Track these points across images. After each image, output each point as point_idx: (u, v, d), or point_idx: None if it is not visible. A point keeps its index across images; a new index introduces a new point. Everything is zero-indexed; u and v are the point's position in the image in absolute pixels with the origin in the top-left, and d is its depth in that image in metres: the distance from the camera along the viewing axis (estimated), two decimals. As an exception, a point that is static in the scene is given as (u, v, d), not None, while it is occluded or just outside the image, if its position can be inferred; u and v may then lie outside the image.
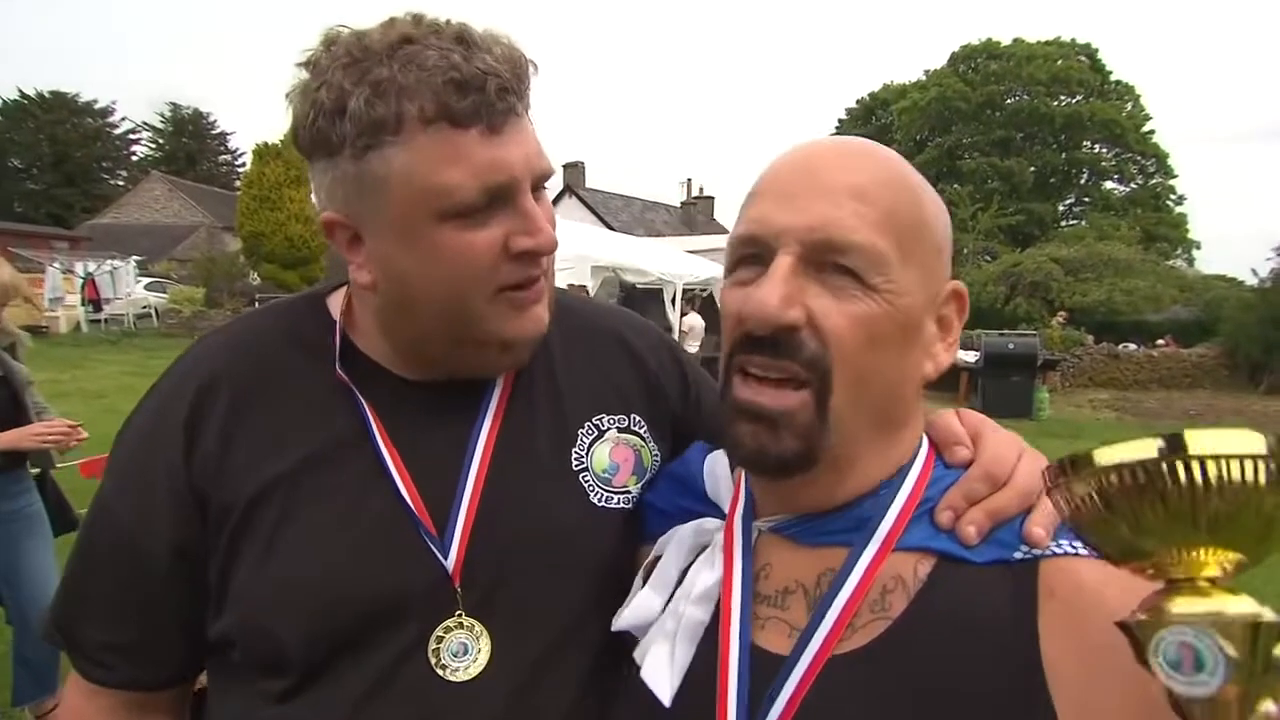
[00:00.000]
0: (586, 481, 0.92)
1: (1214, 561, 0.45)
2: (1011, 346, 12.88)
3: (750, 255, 0.72)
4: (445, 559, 0.83)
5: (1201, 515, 0.44)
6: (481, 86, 0.74)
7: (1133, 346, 18.23)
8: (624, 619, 0.83)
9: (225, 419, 0.84)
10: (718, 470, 0.86)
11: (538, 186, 0.83)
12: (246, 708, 0.84)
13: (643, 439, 0.97)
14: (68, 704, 0.94)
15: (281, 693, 0.81)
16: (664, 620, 0.79)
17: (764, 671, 0.71)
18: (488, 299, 0.82)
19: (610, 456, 0.94)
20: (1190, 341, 19.01)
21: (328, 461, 0.85)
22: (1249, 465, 0.43)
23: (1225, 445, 0.44)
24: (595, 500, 0.92)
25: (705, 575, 0.78)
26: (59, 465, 3.38)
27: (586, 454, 0.93)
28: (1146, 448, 0.45)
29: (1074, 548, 0.67)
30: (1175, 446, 0.44)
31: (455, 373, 0.90)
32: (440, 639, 0.82)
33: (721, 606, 0.76)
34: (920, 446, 0.77)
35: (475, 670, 0.81)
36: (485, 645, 0.83)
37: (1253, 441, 0.44)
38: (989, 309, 22.01)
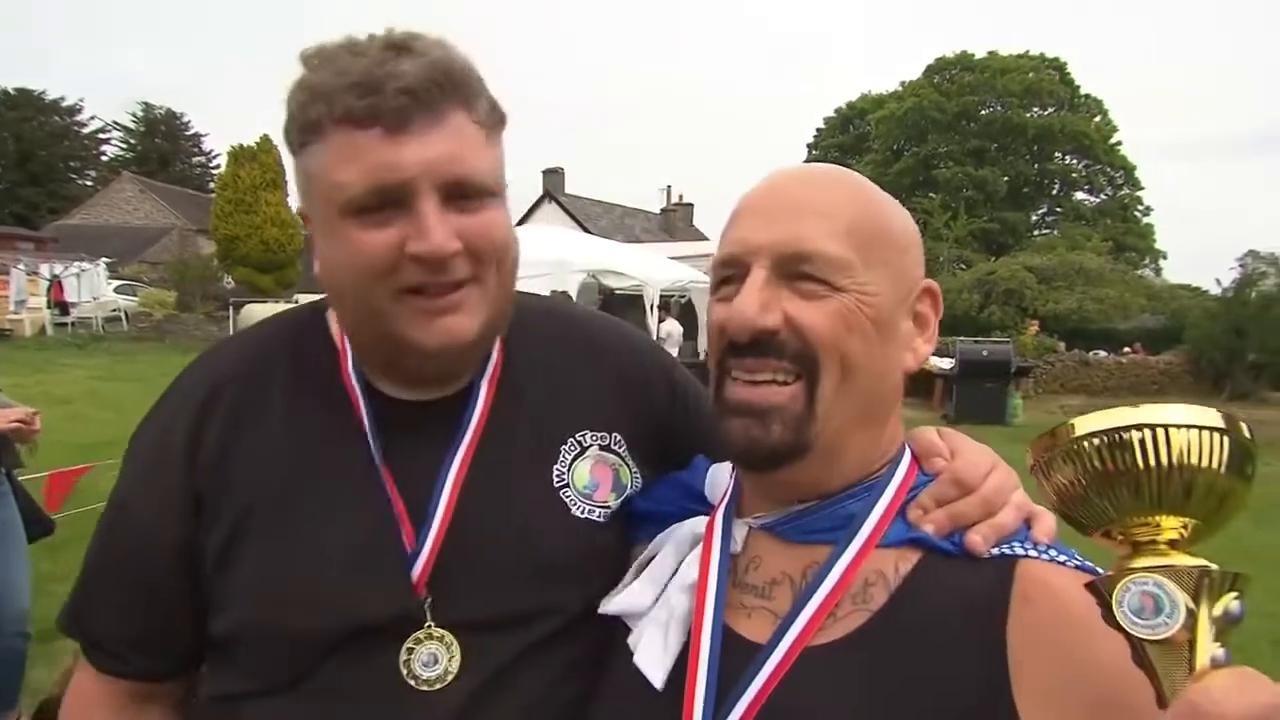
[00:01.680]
0: (568, 496, 0.94)
1: (1172, 526, 0.51)
2: (985, 353, 13.11)
3: (731, 275, 0.80)
4: (411, 572, 0.86)
5: (1162, 483, 0.50)
6: (378, 88, 0.76)
7: (1103, 354, 18.66)
8: (614, 605, 0.87)
9: (225, 428, 0.89)
10: (719, 477, 0.91)
11: (461, 194, 0.81)
12: (233, 704, 0.88)
13: (621, 458, 0.99)
14: (77, 687, 0.98)
15: (263, 693, 0.86)
16: (657, 610, 0.83)
17: (741, 658, 0.75)
18: (391, 299, 0.81)
19: (591, 474, 0.96)
20: (1157, 349, 19.50)
21: (321, 471, 0.88)
22: (1207, 436, 0.50)
23: (1188, 418, 0.50)
24: (577, 513, 0.94)
25: (694, 568, 0.83)
26: (25, 476, 3.29)
27: (568, 470, 0.95)
28: (1120, 416, 0.51)
29: (1039, 552, 0.72)
30: (1144, 417, 0.51)
31: (409, 376, 0.91)
32: (411, 650, 0.85)
33: (696, 593, 0.80)
34: (904, 454, 0.83)
35: (446, 679, 0.84)
36: (455, 654, 0.85)
37: (1210, 415, 0.51)
38: (964, 316, 22.35)
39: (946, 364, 13.78)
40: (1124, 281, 24.60)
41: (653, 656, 0.80)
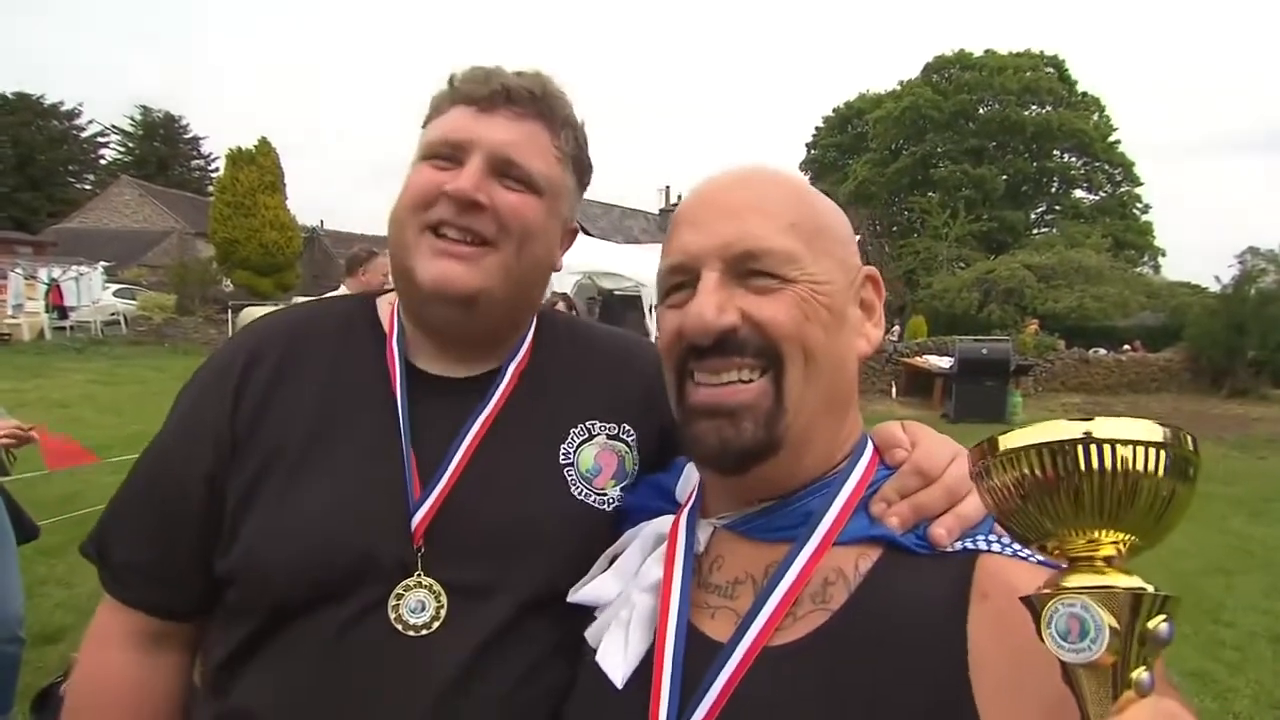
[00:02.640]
0: (570, 475, 1.00)
1: (1110, 543, 0.50)
2: (985, 352, 13.08)
3: (680, 282, 0.81)
4: (412, 520, 0.91)
5: (1100, 498, 0.48)
6: (485, 80, 0.97)
7: (1102, 351, 18.63)
8: (581, 594, 0.89)
9: (268, 380, 0.98)
10: (691, 477, 0.91)
11: (506, 173, 0.96)
12: (229, 645, 0.94)
13: (629, 446, 1.05)
14: (95, 621, 1.03)
15: (258, 633, 0.91)
16: (618, 608, 0.84)
17: (705, 658, 0.75)
18: (418, 231, 0.95)
19: (595, 459, 1.02)
20: (1157, 346, 19.50)
21: (348, 426, 0.96)
22: (1149, 452, 0.48)
23: (1127, 432, 0.48)
24: (575, 493, 0.99)
25: (656, 568, 0.83)
26: (11, 476, 3.27)
27: (574, 451, 1.02)
28: (1057, 430, 0.49)
29: (1002, 545, 0.71)
30: (1083, 432, 0.48)
31: (428, 328, 1.01)
32: (400, 596, 0.90)
33: (661, 594, 0.80)
34: (865, 448, 0.83)
35: (432, 626, 0.89)
36: (443, 605, 0.90)
37: (1152, 430, 0.48)
38: (963, 315, 22.33)
39: (946, 363, 13.78)
40: (1123, 279, 24.62)
41: (614, 656, 0.80)
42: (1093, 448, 0.47)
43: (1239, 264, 18.49)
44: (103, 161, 49.67)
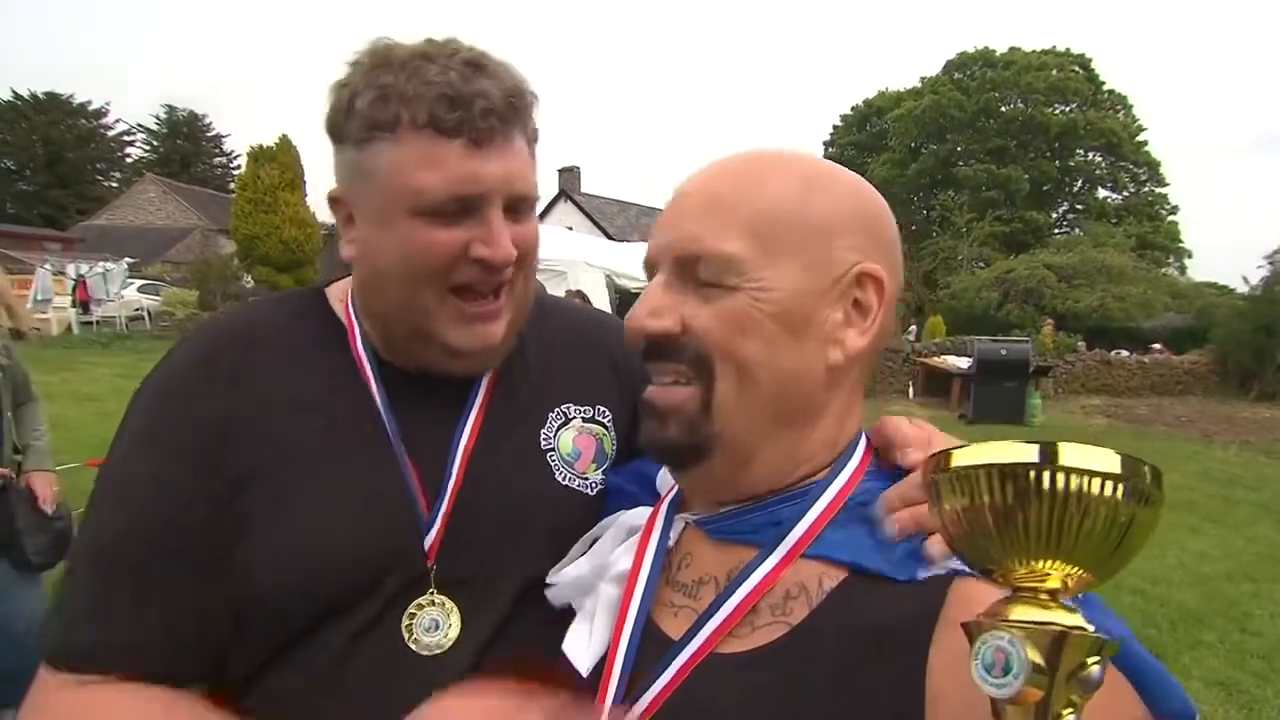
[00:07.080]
0: (553, 461, 0.99)
1: (1056, 575, 0.47)
2: (1004, 353, 12.91)
3: (650, 279, 0.80)
4: (425, 539, 0.89)
5: (1049, 527, 0.45)
6: (469, 105, 0.83)
7: (1125, 353, 18.30)
8: (559, 578, 0.89)
9: (228, 395, 0.88)
10: None
11: (516, 207, 0.89)
12: (241, 670, 0.87)
13: (605, 428, 1.04)
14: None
15: (269, 655, 0.86)
16: (587, 599, 0.84)
17: (657, 654, 0.74)
18: (438, 296, 0.88)
19: (574, 443, 1.01)
20: (1182, 348, 19.11)
21: (335, 435, 0.90)
22: (1104, 483, 0.45)
23: (1085, 460, 0.45)
24: (560, 479, 0.98)
25: (625, 559, 0.82)
26: (58, 468, 3.34)
27: (554, 436, 1.00)
28: (1011, 453, 0.46)
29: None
30: (1044, 457, 0.45)
31: (421, 365, 0.94)
32: (413, 615, 0.87)
33: (626, 585, 0.80)
34: (849, 458, 0.77)
35: (446, 644, 0.87)
36: (455, 620, 0.88)
37: (1111, 461, 0.45)
38: (982, 315, 22.07)
39: (964, 363, 13.63)
40: (1147, 280, 24.18)
41: (579, 645, 0.80)
42: (1046, 474, 0.45)
43: (1268, 265, 18.05)
44: (128, 159, 50.60)
